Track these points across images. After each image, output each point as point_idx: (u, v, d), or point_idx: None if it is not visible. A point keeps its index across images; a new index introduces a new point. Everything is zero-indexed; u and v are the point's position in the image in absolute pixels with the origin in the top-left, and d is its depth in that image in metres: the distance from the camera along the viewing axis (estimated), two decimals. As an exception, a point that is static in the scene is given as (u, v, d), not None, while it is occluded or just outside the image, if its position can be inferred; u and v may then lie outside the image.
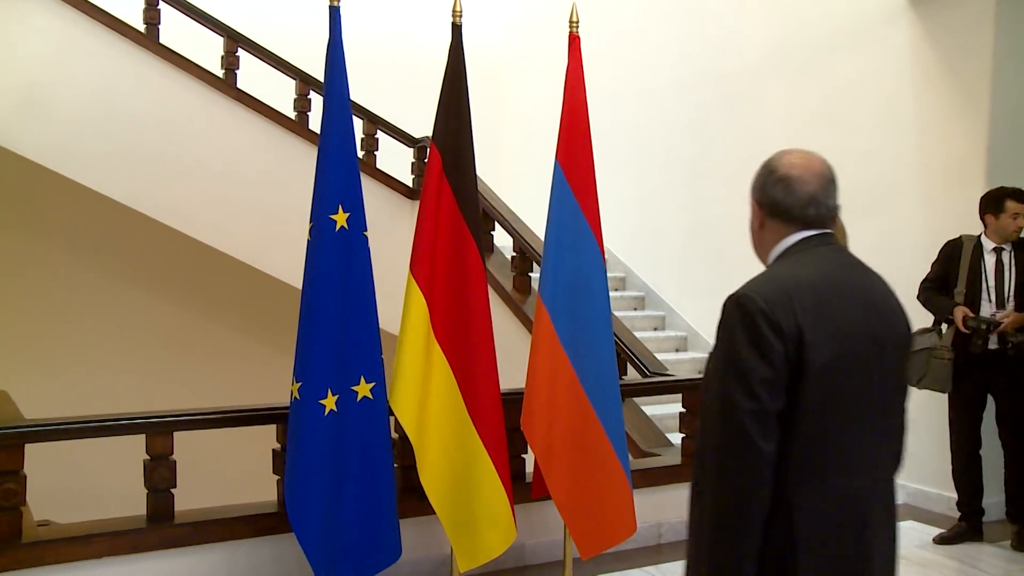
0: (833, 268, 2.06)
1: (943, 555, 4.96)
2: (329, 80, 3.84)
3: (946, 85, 5.76)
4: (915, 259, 5.91)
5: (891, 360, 2.04)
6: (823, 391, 1.91)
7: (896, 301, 2.13)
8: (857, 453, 1.98)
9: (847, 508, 1.96)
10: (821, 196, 2.09)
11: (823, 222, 2.10)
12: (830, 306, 1.96)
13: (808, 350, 1.89)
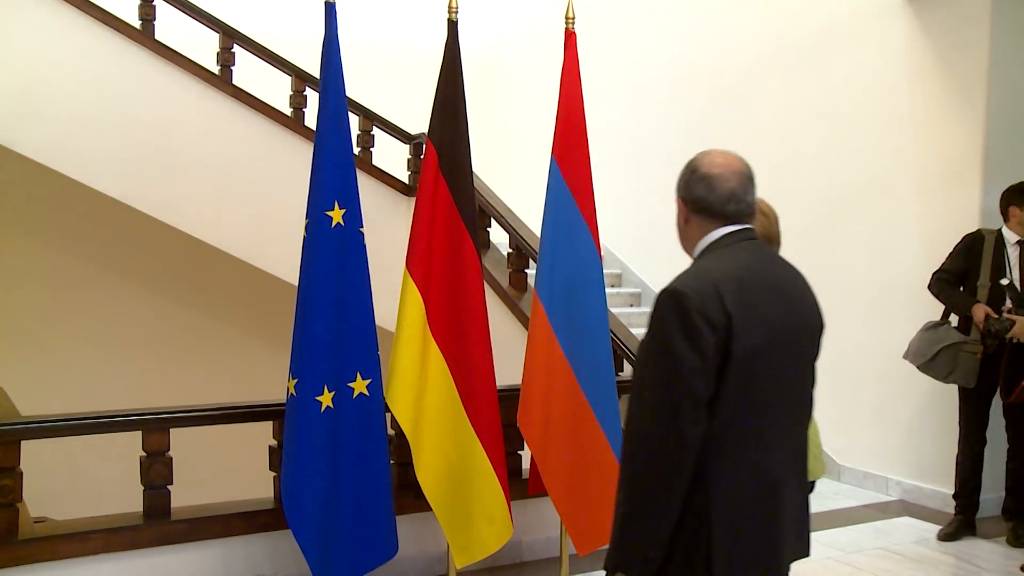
0: (754, 262, 2.21)
1: (939, 551, 4.98)
2: (325, 76, 3.85)
3: (942, 81, 5.77)
4: (911, 255, 5.93)
5: (805, 348, 2.25)
6: (744, 377, 2.07)
7: (811, 294, 2.33)
8: (771, 433, 2.15)
9: (759, 483, 2.12)
10: (740, 193, 2.24)
11: (743, 217, 2.26)
12: (754, 298, 2.11)
13: (734, 339, 2.04)
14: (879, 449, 6.21)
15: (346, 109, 3.91)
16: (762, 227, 2.84)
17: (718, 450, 2.06)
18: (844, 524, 5.50)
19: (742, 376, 2.06)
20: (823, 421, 6.56)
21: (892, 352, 6.03)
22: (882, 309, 6.14)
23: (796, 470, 2.24)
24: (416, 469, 3.94)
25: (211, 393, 6.85)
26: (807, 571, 4.64)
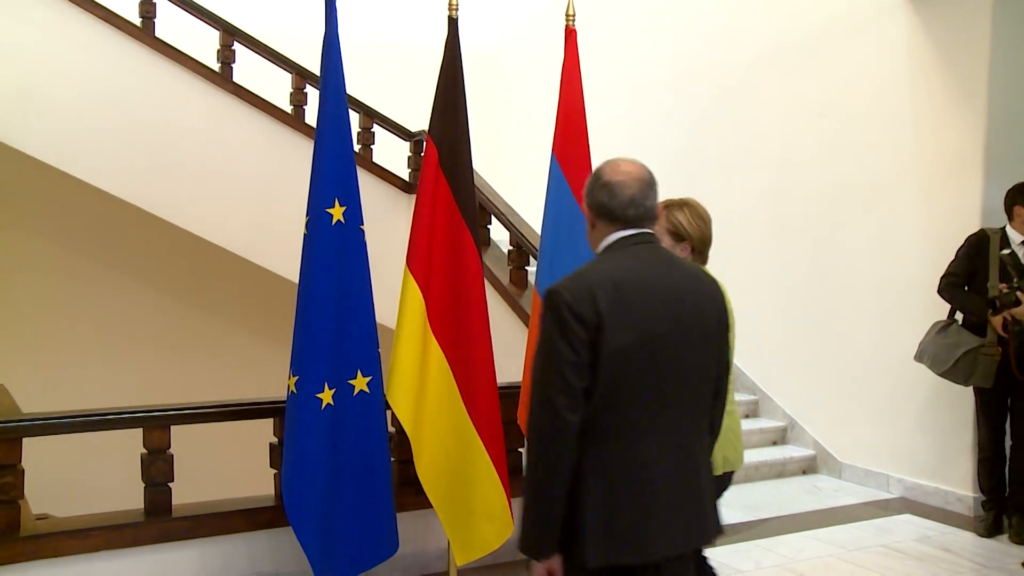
0: (640, 264, 2.37)
1: (940, 548, 4.99)
2: (325, 74, 3.85)
3: (943, 78, 5.77)
4: (912, 253, 5.94)
5: (692, 347, 2.36)
6: (615, 371, 2.24)
7: (708, 296, 2.45)
8: (646, 424, 2.30)
9: (632, 472, 2.28)
10: (639, 198, 2.42)
11: (641, 221, 2.43)
12: (629, 298, 2.28)
13: (604, 336, 2.22)
14: (880, 446, 6.22)
15: (346, 106, 3.92)
16: (699, 230, 3.01)
17: (593, 439, 2.25)
18: (845, 521, 5.50)
19: (613, 370, 2.24)
20: (824, 418, 6.61)
21: (893, 350, 6.04)
22: (883, 307, 6.14)
23: (681, 460, 2.35)
24: (416, 466, 3.95)
25: (212, 390, 6.86)
26: (808, 569, 4.66)
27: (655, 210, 2.47)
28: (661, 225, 3.03)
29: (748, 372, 7.33)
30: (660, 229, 3.01)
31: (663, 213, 3.05)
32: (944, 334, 5.22)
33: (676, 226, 3.08)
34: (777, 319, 7.03)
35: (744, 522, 5.51)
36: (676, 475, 2.35)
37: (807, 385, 6.81)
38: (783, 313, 6.97)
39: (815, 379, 6.72)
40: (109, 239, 8.27)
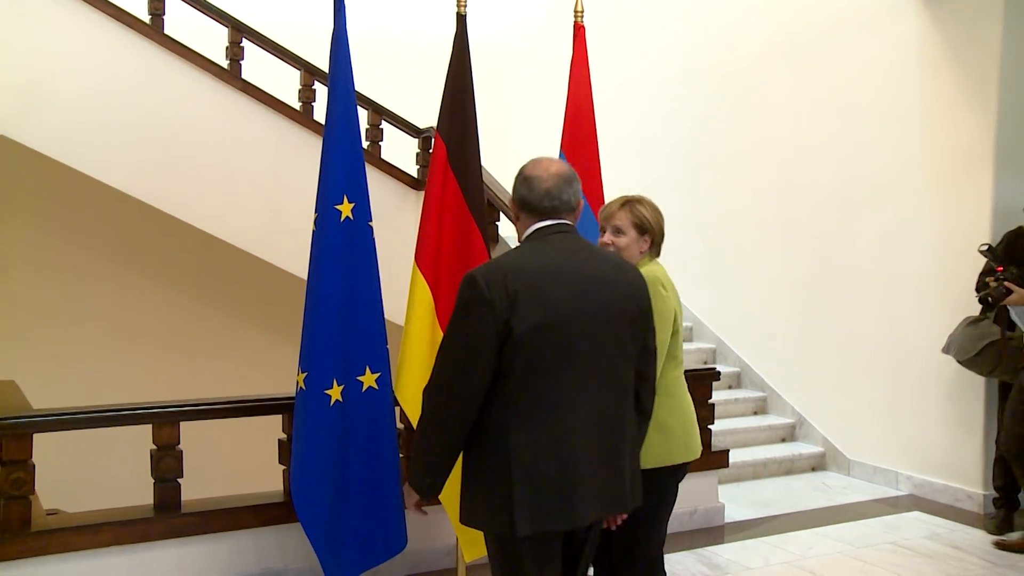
0: (554, 252, 2.58)
1: (950, 546, 4.98)
2: (334, 70, 3.86)
3: (953, 74, 5.75)
4: (922, 250, 5.92)
5: (607, 329, 2.55)
6: (527, 352, 2.44)
7: (623, 283, 2.63)
8: (563, 398, 2.48)
9: (551, 445, 2.46)
10: (555, 192, 2.62)
11: (557, 212, 2.63)
12: (540, 282, 2.48)
13: (515, 317, 2.42)
14: (889, 443, 6.21)
15: (355, 103, 3.92)
16: (658, 224, 3.22)
17: (513, 414, 2.46)
18: (854, 519, 5.50)
19: (526, 348, 2.44)
20: (833, 415, 6.60)
21: (902, 346, 6.03)
22: (892, 303, 6.13)
23: (601, 434, 2.55)
24: (425, 462, 3.95)
25: (221, 387, 6.87)
26: (817, 566, 4.66)
27: (572, 203, 2.66)
28: (627, 218, 3.16)
29: (756, 369, 7.32)
30: (625, 222, 3.16)
31: (627, 207, 3.19)
32: (975, 326, 5.18)
33: (641, 219, 3.18)
34: (785, 316, 7.03)
35: (753, 519, 5.51)
36: (596, 448, 2.53)
37: (816, 382, 6.80)
38: (791, 310, 6.97)
39: (824, 376, 6.72)
40: (118, 236, 8.29)
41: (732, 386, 7.42)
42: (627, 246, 3.16)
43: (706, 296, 7.85)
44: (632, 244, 3.17)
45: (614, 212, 3.21)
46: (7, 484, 3.64)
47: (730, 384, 7.40)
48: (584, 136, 4.29)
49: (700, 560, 4.77)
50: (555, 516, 2.47)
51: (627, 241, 3.17)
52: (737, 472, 6.25)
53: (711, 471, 5.36)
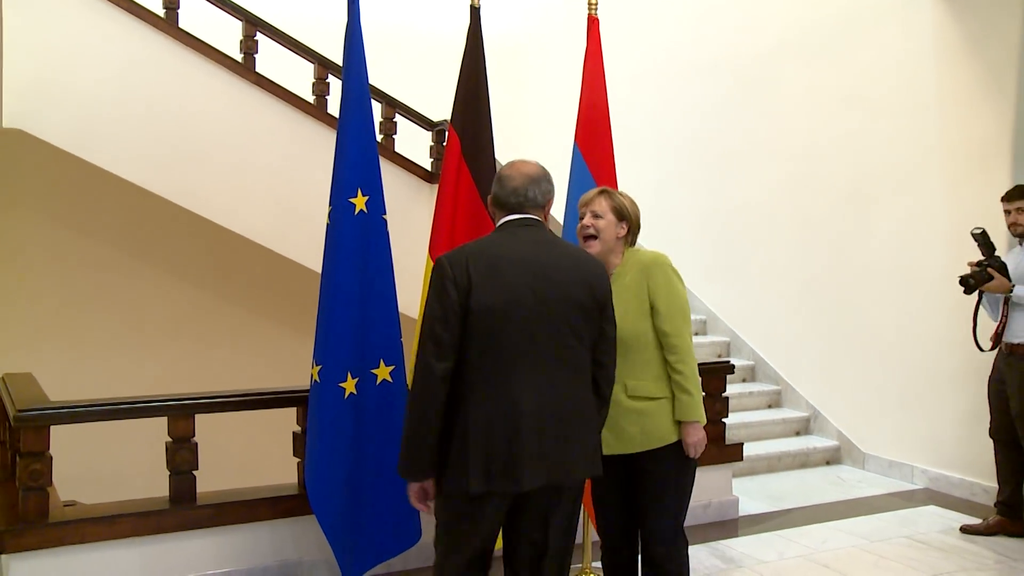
0: (516, 242, 2.85)
1: (966, 541, 4.95)
2: (347, 64, 3.86)
3: (971, 66, 5.72)
4: (938, 243, 5.89)
5: (559, 314, 2.77)
6: (484, 327, 2.71)
7: (584, 272, 2.86)
8: (517, 374, 2.73)
9: (501, 417, 2.70)
10: (521, 189, 2.91)
11: (523, 208, 2.91)
12: (499, 269, 2.75)
13: (473, 298, 2.70)
14: (904, 437, 6.19)
15: (369, 96, 3.93)
16: (635, 214, 3.36)
17: (472, 385, 2.72)
18: (868, 512, 5.48)
19: (483, 326, 2.71)
20: (848, 408, 6.57)
21: (917, 339, 6.01)
22: (907, 297, 6.10)
23: (551, 408, 2.76)
24: (439, 455, 3.97)
25: (235, 379, 6.91)
26: (831, 559, 4.65)
27: (540, 200, 2.93)
28: (605, 203, 3.32)
29: (771, 362, 7.31)
30: (604, 206, 3.31)
31: (605, 194, 3.36)
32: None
33: (620, 207, 3.33)
34: (800, 309, 7.01)
35: (767, 512, 5.50)
36: (546, 420, 2.75)
37: (830, 375, 6.78)
38: (806, 303, 6.94)
39: (838, 369, 6.70)
40: (133, 229, 8.32)
41: (746, 379, 7.40)
42: (605, 228, 3.30)
43: (720, 289, 7.83)
44: (610, 227, 3.30)
45: (592, 198, 3.37)
46: (25, 475, 3.67)
47: (744, 377, 7.38)
48: (598, 129, 4.28)
49: (714, 553, 4.76)
50: (502, 480, 2.70)
51: (605, 223, 3.29)
52: (751, 465, 6.23)
53: (725, 464, 5.35)
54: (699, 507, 5.18)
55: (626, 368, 3.17)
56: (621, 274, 3.28)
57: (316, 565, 4.20)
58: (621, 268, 3.30)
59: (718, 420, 5.20)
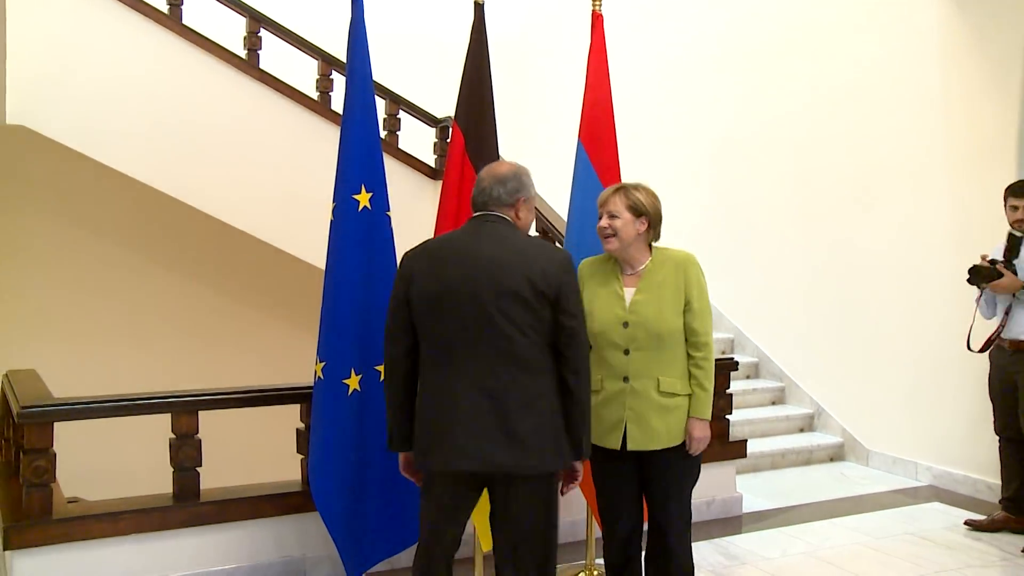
0: (465, 236, 3.04)
1: (971, 538, 4.95)
2: (351, 60, 3.86)
3: (976, 62, 5.70)
4: (943, 239, 5.88)
5: (496, 304, 2.86)
6: (420, 314, 2.95)
7: (524, 264, 2.91)
8: (451, 362, 2.91)
9: (440, 392, 2.93)
10: (487, 189, 3.06)
11: (487, 206, 3.06)
12: (439, 260, 2.97)
13: (412, 288, 2.96)
14: (909, 433, 6.18)
15: (373, 93, 3.93)
16: (654, 207, 3.39)
17: (422, 370, 2.98)
18: (872, 509, 5.48)
19: (421, 316, 2.95)
20: (852, 405, 6.56)
21: (922, 335, 6.00)
22: (912, 293, 6.09)
23: (480, 394, 2.88)
24: (443, 452, 3.97)
25: (239, 376, 6.90)
26: (835, 556, 4.64)
27: (504, 199, 3.05)
28: (620, 202, 3.34)
29: (774, 359, 7.30)
30: (619, 206, 3.33)
31: (621, 192, 3.37)
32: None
33: (635, 203, 3.34)
34: (804, 305, 7.00)
35: (771, 509, 5.50)
36: (481, 408, 2.88)
37: (834, 371, 6.78)
38: (810, 299, 6.94)
39: (842, 365, 6.69)
40: (136, 225, 8.32)
41: (750, 376, 7.40)
42: (622, 227, 3.32)
43: (724, 286, 7.80)
44: (627, 225, 3.32)
45: (608, 198, 3.39)
46: (29, 472, 3.67)
47: (748, 374, 7.37)
48: (602, 125, 4.27)
49: (718, 550, 4.76)
50: (433, 458, 2.92)
51: (622, 223, 3.32)
52: (755, 462, 6.23)
53: (729, 461, 5.35)
54: (702, 504, 5.18)
55: (659, 364, 3.27)
56: (652, 271, 3.35)
57: (320, 561, 4.20)
58: (652, 265, 3.37)
59: (722, 416, 5.19)
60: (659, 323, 3.24)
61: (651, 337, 3.25)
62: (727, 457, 5.32)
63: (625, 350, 3.27)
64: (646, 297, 3.30)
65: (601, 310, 3.32)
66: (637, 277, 3.35)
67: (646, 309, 3.27)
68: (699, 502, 5.13)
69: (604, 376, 3.31)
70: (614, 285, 3.36)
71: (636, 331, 3.26)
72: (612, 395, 3.30)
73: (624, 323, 3.27)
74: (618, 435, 3.30)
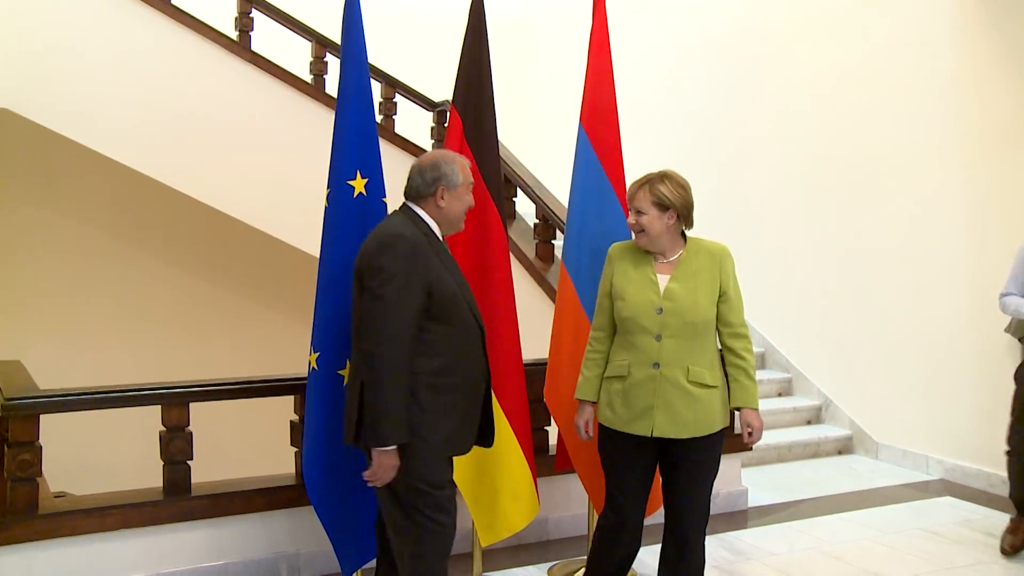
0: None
1: (983, 533, 4.94)
2: (346, 42, 3.83)
3: (990, 43, 5.67)
4: (954, 227, 5.86)
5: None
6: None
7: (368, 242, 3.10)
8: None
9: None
10: (409, 179, 3.24)
11: (405, 197, 3.26)
12: None
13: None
14: (919, 426, 6.17)
15: (368, 75, 3.90)
16: (681, 198, 3.39)
17: None
18: (882, 503, 5.48)
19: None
20: (860, 396, 6.53)
21: (933, 325, 5.99)
22: (923, 282, 6.08)
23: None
24: (440, 445, 3.96)
25: (231, 367, 6.90)
26: (843, 552, 4.64)
27: (420, 188, 3.20)
28: (646, 198, 3.37)
29: (781, 349, 7.29)
30: (645, 202, 3.36)
31: (646, 187, 3.37)
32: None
33: (659, 197, 3.36)
34: (811, 294, 6.99)
35: (777, 503, 5.50)
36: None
37: (843, 362, 6.77)
38: (817, 288, 6.92)
39: (851, 356, 6.68)
40: (125, 213, 8.32)
41: (756, 367, 7.37)
42: (649, 224, 3.37)
43: (730, 274, 7.81)
44: (654, 221, 3.37)
45: (634, 193, 3.42)
46: (14, 466, 3.66)
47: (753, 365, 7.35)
48: (604, 110, 4.25)
49: (723, 545, 4.76)
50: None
51: (649, 219, 3.37)
52: (761, 455, 6.23)
53: (734, 454, 5.34)
54: (708, 498, 5.18)
55: (690, 352, 3.33)
56: (687, 260, 3.41)
57: (314, 557, 4.20)
58: (686, 254, 3.43)
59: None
60: (695, 312, 3.30)
61: (685, 325, 3.30)
62: (732, 450, 5.28)
63: (657, 336, 3.31)
64: (682, 286, 3.34)
65: (635, 295, 3.37)
66: (671, 265, 3.41)
67: (682, 297, 3.32)
68: (704, 496, 5.14)
69: (632, 362, 3.35)
70: (647, 271, 3.40)
71: (670, 318, 3.30)
72: (640, 381, 3.33)
73: (659, 309, 3.31)
74: (647, 422, 3.32)
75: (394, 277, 2.98)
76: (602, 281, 3.57)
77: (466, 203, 3.28)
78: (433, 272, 3.07)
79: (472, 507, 4.03)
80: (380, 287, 2.98)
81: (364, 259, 3.06)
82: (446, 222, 3.24)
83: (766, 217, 7.41)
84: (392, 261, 2.99)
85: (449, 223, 3.26)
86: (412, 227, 3.13)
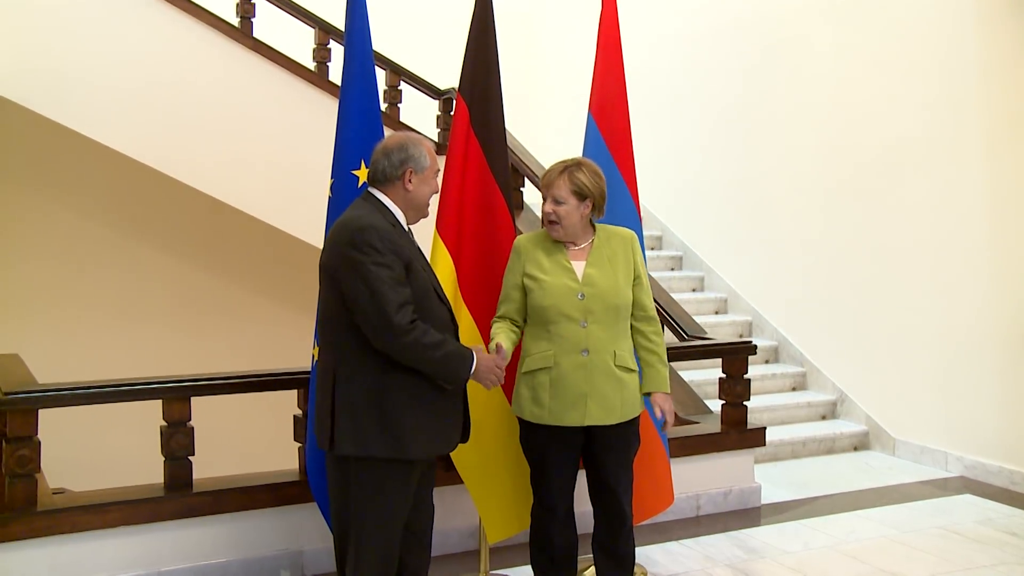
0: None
1: (1004, 532, 4.93)
2: (350, 28, 3.83)
3: (1012, 27, 5.64)
4: (975, 217, 5.84)
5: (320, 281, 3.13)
6: None
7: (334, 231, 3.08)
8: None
9: None
10: (374, 162, 3.17)
11: (370, 181, 3.19)
12: None
13: None
14: (938, 422, 6.16)
15: (372, 63, 3.90)
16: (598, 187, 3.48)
17: None
18: (899, 501, 5.46)
19: None
20: (877, 391, 6.51)
21: (952, 318, 5.97)
22: (942, 273, 6.06)
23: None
24: (447, 441, 3.97)
25: (233, 361, 6.91)
26: (859, 550, 4.64)
27: (387, 171, 3.12)
28: (565, 186, 3.42)
29: (795, 342, 7.28)
30: (564, 191, 3.42)
31: (565, 174, 3.44)
32: None
33: (580, 186, 3.44)
34: (826, 286, 6.97)
35: (791, 500, 5.49)
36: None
37: (859, 356, 6.75)
38: (833, 279, 6.90)
39: (867, 349, 6.66)
40: (125, 204, 8.33)
41: (769, 360, 7.38)
42: (566, 214, 3.44)
43: (742, 265, 7.80)
44: (572, 212, 3.45)
45: (552, 181, 3.47)
46: (12, 462, 3.68)
47: (767, 359, 7.36)
48: (614, 97, 4.24)
49: (735, 543, 4.76)
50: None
51: (567, 209, 3.44)
52: (774, 451, 6.22)
53: (747, 450, 5.34)
54: (719, 495, 5.18)
55: (615, 337, 3.43)
56: (600, 246, 3.51)
57: (318, 554, 4.20)
58: (598, 241, 3.52)
59: (739, 403, 5.19)
60: (616, 295, 3.41)
61: (608, 309, 3.39)
62: (745, 446, 5.30)
63: (582, 322, 3.37)
64: (599, 271, 3.43)
65: (552, 283, 3.41)
66: (584, 252, 3.50)
67: (602, 281, 3.41)
68: (715, 493, 5.15)
69: (557, 351, 3.38)
70: (560, 259, 3.47)
71: (593, 303, 3.38)
72: (570, 370, 3.37)
73: (580, 294, 3.38)
74: (579, 412, 3.37)
75: (384, 254, 2.93)
76: (508, 274, 3.59)
77: (432, 188, 3.22)
78: (409, 260, 3.03)
79: (479, 504, 4.04)
80: (380, 256, 2.92)
81: (337, 248, 2.98)
82: (412, 208, 3.17)
83: (780, 207, 7.40)
84: (378, 240, 2.93)
85: (416, 209, 3.19)
86: (379, 217, 3.04)
